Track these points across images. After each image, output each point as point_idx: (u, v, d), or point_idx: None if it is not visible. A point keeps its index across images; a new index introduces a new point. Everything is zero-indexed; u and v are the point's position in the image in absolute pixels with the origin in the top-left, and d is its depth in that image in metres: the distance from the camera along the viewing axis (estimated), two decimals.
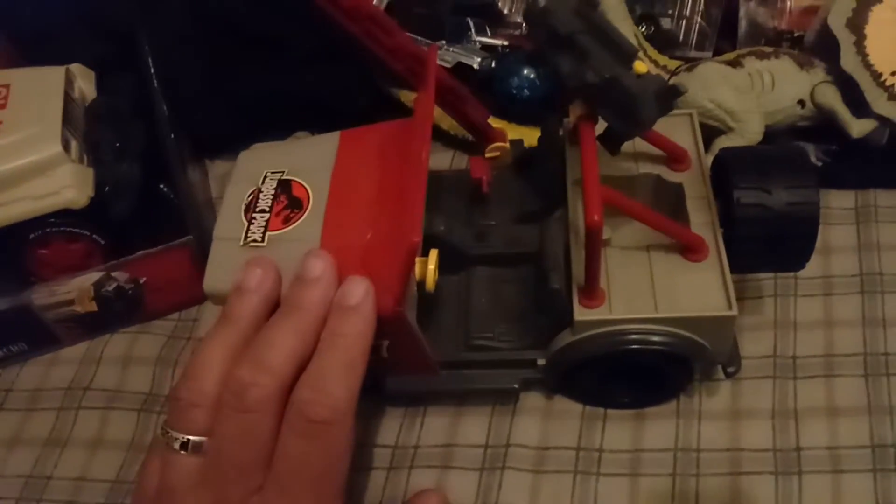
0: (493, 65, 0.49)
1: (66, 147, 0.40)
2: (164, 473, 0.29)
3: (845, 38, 0.40)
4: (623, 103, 0.28)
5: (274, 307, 0.31)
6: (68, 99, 0.42)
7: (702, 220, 0.34)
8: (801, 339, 0.38)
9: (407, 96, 0.49)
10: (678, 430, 0.36)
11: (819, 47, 0.42)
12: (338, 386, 0.28)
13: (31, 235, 0.39)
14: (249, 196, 0.36)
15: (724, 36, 0.47)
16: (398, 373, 0.36)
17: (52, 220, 0.39)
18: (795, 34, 0.44)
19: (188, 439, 0.28)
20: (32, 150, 0.39)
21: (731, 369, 0.35)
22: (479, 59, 0.49)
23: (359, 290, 0.30)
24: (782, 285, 0.39)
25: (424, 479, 0.36)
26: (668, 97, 0.28)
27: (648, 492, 0.34)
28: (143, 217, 0.42)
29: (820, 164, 0.42)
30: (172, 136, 0.45)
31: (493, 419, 0.37)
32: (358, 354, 0.29)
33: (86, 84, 0.45)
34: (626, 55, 0.29)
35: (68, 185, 0.39)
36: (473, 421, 0.37)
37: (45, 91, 0.41)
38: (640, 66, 0.29)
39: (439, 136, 0.47)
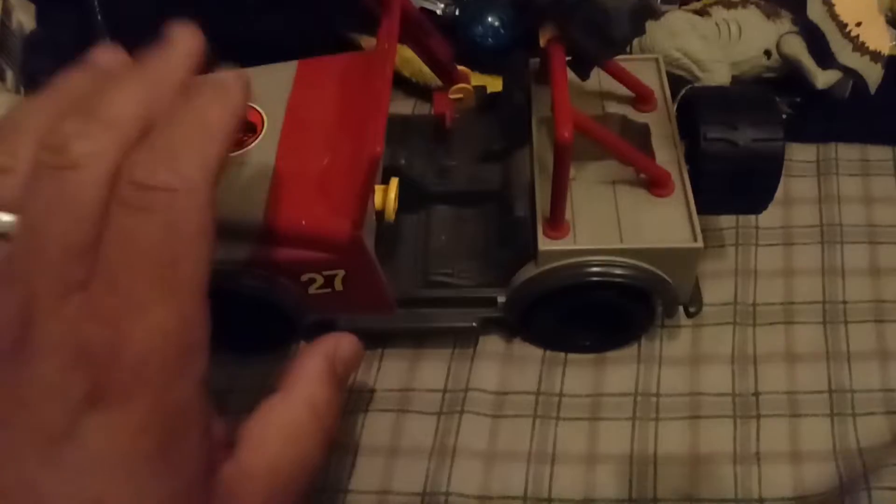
0: (457, 11, 0.47)
1: (2, 76, 0.38)
2: None
3: None
4: (596, 21, 0.28)
5: None
6: (5, 29, 0.40)
7: (668, 159, 0.34)
8: (762, 286, 0.38)
9: (368, 42, 0.47)
10: (638, 374, 0.35)
11: None
12: (187, 149, 0.21)
13: None
14: None
15: None
16: (353, 311, 0.34)
17: None
18: None
19: None
20: None
21: (692, 309, 0.34)
22: (442, 6, 0.48)
23: (231, 75, 0.23)
24: (743, 234, 0.39)
25: (381, 422, 0.34)
26: (642, 16, 0.28)
27: (608, 436, 0.34)
28: None
29: (784, 116, 0.42)
30: None
31: (452, 364, 0.36)
32: (215, 130, 0.22)
33: (25, 16, 0.43)
34: None
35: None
36: (432, 365, 0.36)
37: None
38: None
39: (401, 83, 0.46)
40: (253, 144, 0.33)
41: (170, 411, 0.20)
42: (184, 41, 0.23)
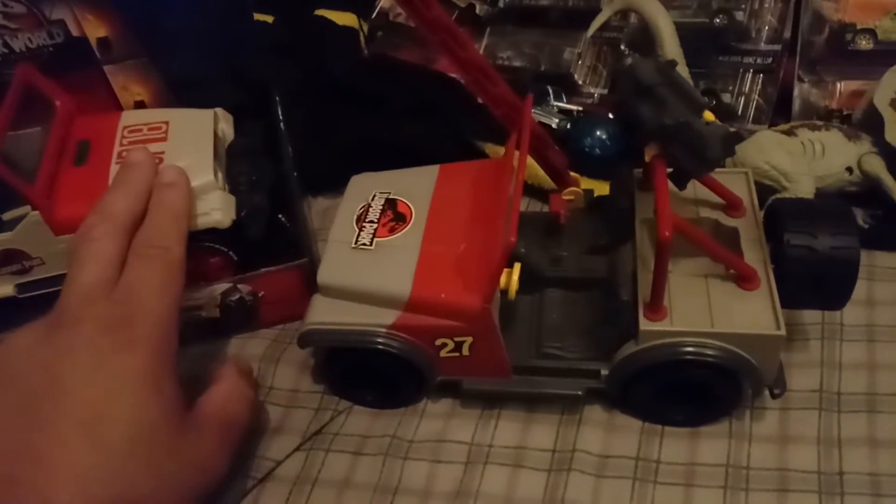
0: (569, 126, 0.55)
1: (215, 177, 0.45)
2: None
3: (889, 115, 0.45)
4: (693, 144, 0.34)
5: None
6: (215, 137, 0.48)
7: (754, 258, 0.39)
8: (846, 377, 0.41)
9: (492, 149, 0.55)
10: (730, 448, 0.39)
11: (866, 123, 0.47)
12: (167, 227, 0.40)
13: None
14: (360, 209, 0.42)
15: (779, 113, 0.52)
16: (476, 374, 0.40)
17: (201, 236, 0.44)
18: (844, 112, 0.50)
19: None
20: (189, 178, 0.43)
21: (776, 391, 0.38)
22: (556, 121, 0.56)
23: (173, 172, 0.42)
24: (829, 330, 0.43)
25: (498, 476, 0.40)
26: (732, 141, 0.34)
27: (702, 501, 0.38)
28: (266, 241, 0.47)
29: (867, 226, 0.46)
30: (296, 174, 0.51)
31: (561, 427, 0.41)
32: (179, 212, 0.41)
33: (226, 126, 0.51)
34: (698, 105, 0.34)
35: (217, 208, 0.44)
36: (542, 427, 0.41)
37: (198, 129, 0.48)
38: (709, 116, 0.35)
39: None
40: (403, 231, 0.40)
41: (162, 356, 0.36)
42: (143, 163, 0.42)
